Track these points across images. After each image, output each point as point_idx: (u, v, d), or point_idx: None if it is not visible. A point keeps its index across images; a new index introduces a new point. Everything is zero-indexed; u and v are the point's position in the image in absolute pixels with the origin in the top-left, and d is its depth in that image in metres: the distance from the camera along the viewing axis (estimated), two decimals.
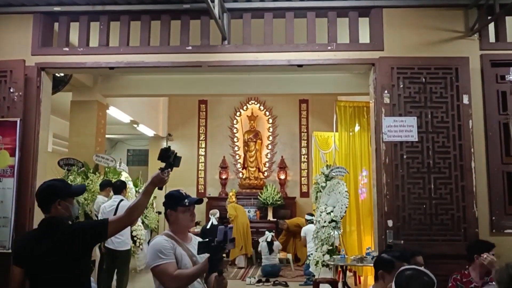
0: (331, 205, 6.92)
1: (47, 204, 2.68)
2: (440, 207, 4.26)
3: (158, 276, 2.60)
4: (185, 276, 2.56)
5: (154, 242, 2.66)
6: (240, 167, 12.46)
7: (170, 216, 2.77)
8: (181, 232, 2.77)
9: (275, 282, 8.27)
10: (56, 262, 2.57)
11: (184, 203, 2.73)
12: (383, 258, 2.76)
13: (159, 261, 2.57)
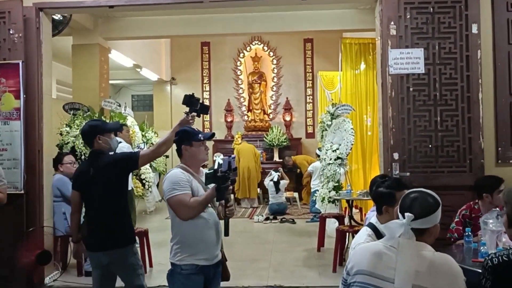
0: (337, 143, 6.95)
1: (90, 140, 3.30)
2: (446, 139, 4.26)
3: (175, 206, 2.69)
4: (198, 203, 2.66)
5: (171, 175, 2.76)
6: (245, 109, 12.42)
7: (185, 151, 2.83)
8: (195, 165, 2.86)
9: (282, 219, 8.46)
10: (99, 187, 3.15)
11: (199, 138, 2.82)
12: (382, 192, 2.70)
13: (176, 192, 2.67)
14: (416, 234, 1.99)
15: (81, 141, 6.72)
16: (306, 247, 6.23)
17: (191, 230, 2.72)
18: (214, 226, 2.79)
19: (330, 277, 4.83)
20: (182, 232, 2.74)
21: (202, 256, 2.73)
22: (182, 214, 2.68)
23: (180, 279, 2.71)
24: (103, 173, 3.13)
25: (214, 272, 2.83)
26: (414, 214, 1.97)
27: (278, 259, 5.63)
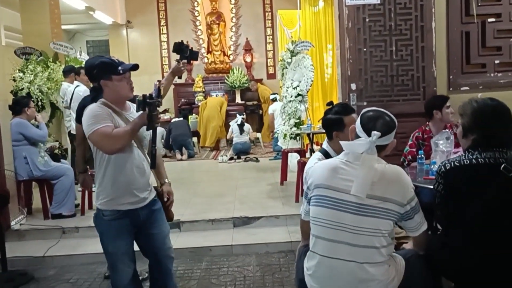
0: (297, 80, 7.01)
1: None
2: (401, 68, 4.39)
3: (97, 141, 2.45)
4: (124, 132, 2.44)
5: (88, 110, 2.51)
6: (205, 51, 12.24)
7: (104, 86, 2.58)
8: (118, 102, 2.60)
9: (246, 158, 8.61)
10: None
11: (118, 71, 2.53)
12: (331, 119, 2.77)
13: (96, 126, 2.42)
14: (377, 150, 2.12)
15: (37, 87, 6.59)
16: (269, 182, 6.42)
17: (113, 172, 2.54)
18: (139, 167, 2.60)
19: (293, 206, 5.04)
20: (104, 174, 2.56)
21: (125, 200, 2.57)
22: (107, 146, 2.44)
23: (103, 224, 2.60)
24: None
25: (147, 213, 2.65)
26: (380, 131, 2.09)
27: (243, 193, 5.80)
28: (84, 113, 2.51)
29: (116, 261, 2.63)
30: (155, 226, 2.70)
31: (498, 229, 2.10)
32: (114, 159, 2.52)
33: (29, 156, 4.89)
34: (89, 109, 2.51)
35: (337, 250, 2.09)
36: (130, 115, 2.62)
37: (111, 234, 2.60)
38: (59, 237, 4.61)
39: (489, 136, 2.17)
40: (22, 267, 4.08)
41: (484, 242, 2.11)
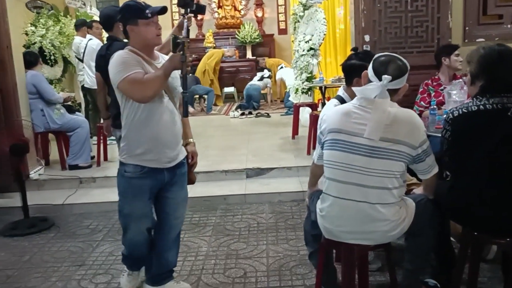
0: (309, 34, 6.95)
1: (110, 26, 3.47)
2: (416, 19, 4.34)
3: (126, 89, 2.27)
4: (154, 77, 2.26)
5: (115, 58, 2.34)
6: (215, 6, 12.06)
7: (131, 32, 2.38)
8: (146, 49, 2.41)
9: (257, 114, 8.64)
10: None
11: (146, 15, 2.32)
12: (355, 64, 2.75)
13: (125, 73, 2.24)
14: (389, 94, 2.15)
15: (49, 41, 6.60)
16: (281, 136, 6.48)
17: (141, 123, 2.36)
18: (170, 120, 2.41)
19: (304, 158, 5.11)
20: (131, 125, 2.38)
21: (152, 156, 2.39)
22: (138, 94, 2.26)
23: (123, 182, 2.45)
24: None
25: (172, 176, 2.48)
26: (391, 75, 2.12)
27: (255, 146, 5.88)
28: (110, 62, 2.33)
29: (130, 223, 2.53)
30: (172, 191, 2.53)
31: (505, 173, 2.14)
32: (143, 110, 2.33)
33: (46, 109, 4.97)
34: (116, 57, 2.32)
35: (349, 191, 2.16)
36: (159, 64, 2.40)
37: (129, 193, 2.45)
38: (76, 186, 4.74)
39: (496, 81, 2.18)
40: (42, 214, 4.23)
41: (490, 186, 2.16)
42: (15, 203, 4.26)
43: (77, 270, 3.17)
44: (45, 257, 3.38)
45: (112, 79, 2.32)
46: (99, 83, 3.59)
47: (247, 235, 3.62)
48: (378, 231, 2.17)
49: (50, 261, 3.31)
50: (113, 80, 2.30)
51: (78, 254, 3.42)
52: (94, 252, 3.45)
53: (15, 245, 3.64)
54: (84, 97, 6.80)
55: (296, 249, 3.32)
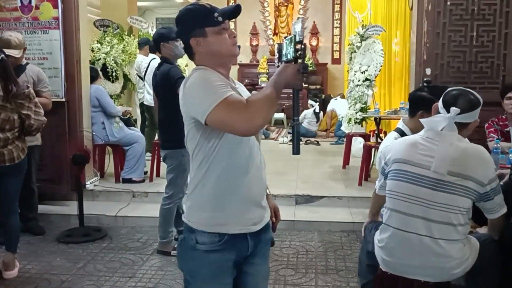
0: (366, 65, 6.93)
1: (157, 47, 3.66)
2: (480, 55, 4.25)
3: (223, 119, 1.49)
4: (262, 98, 1.52)
5: (192, 82, 1.60)
6: (271, 33, 12.28)
7: (197, 47, 1.68)
8: (222, 66, 1.69)
9: (307, 141, 8.63)
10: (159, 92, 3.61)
11: (215, 20, 1.64)
12: (424, 96, 2.73)
13: (220, 96, 1.49)
14: (458, 128, 2.11)
15: (112, 58, 6.89)
16: (331, 165, 6.43)
17: (223, 171, 1.63)
18: (259, 164, 1.72)
19: (355, 189, 5.04)
20: (208, 175, 1.64)
21: (235, 217, 1.66)
22: (241, 124, 1.47)
23: (194, 258, 1.67)
24: (160, 82, 3.53)
25: (256, 243, 1.72)
26: (460, 108, 2.08)
27: (305, 173, 5.85)
28: (185, 91, 1.60)
29: None
30: (254, 264, 1.76)
31: None
32: (225, 151, 1.62)
33: (106, 122, 5.16)
34: (194, 80, 1.59)
35: (411, 224, 2.11)
36: (239, 89, 1.74)
37: (206, 275, 1.67)
38: (129, 200, 4.86)
39: None
40: (95, 223, 4.35)
41: None
42: (71, 211, 4.41)
43: (128, 281, 3.22)
44: (98, 266, 3.47)
45: (196, 111, 1.55)
46: (155, 101, 3.82)
47: (296, 262, 3.58)
48: (439, 267, 2.10)
49: (103, 270, 3.39)
50: (199, 111, 1.52)
51: (129, 266, 3.48)
52: (144, 265, 3.50)
53: (70, 252, 3.75)
54: (142, 114, 7.03)
55: (345, 280, 3.25)
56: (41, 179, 4.40)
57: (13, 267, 3.31)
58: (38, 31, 4.64)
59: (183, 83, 1.65)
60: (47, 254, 3.72)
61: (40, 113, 3.22)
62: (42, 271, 3.40)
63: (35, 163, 4.02)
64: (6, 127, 3.06)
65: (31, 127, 3.18)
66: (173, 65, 3.57)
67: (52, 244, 3.93)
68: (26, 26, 4.64)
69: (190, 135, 1.67)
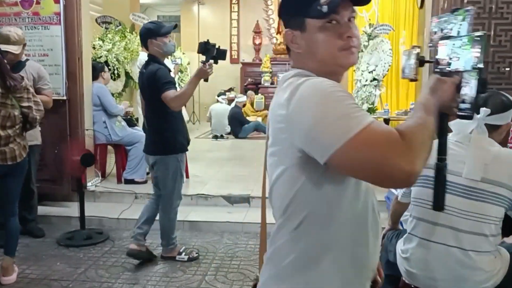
0: (373, 64, 6.79)
1: (144, 43, 3.34)
2: (498, 54, 4.09)
3: (366, 157, 0.96)
4: (422, 129, 1.04)
5: (308, 94, 1.04)
6: (274, 32, 12.12)
7: (292, 42, 1.20)
8: (330, 74, 1.15)
9: None
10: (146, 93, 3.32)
11: (320, 9, 1.10)
12: None
13: (356, 124, 0.97)
14: (488, 130, 1.97)
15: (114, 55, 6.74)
16: None
17: (345, 238, 1.14)
18: (377, 225, 1.23)
19: None
20: (319, 241, 1.13)
21: None
22: (398, 167, 0.95)
23: None
24: (147, 83, 3.24)
25: None
26: (491, 109, 1.94)
27: None
28: (293, 110, 1.05)
29: None
30: None
31: None
32: (343, 202, 1.12)
33: (108, 121, 5.01)
34: (308, 93, 1.04)
35: (439, 234, 1.97)
36: None
37: None
38: (131, 201, 4.71)
39: None
40: (97, 226, 4.20)
41: None
42: (72, 213, 4.27)
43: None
44: (99, 271, 3.32)
45: (314, 143, 1.01)
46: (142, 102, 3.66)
47: None
48: (469, 280, 1.95)
49: (105, 276, 3.24)
50: (321, 144, 0.99)
51: (132, 272, 3.34)
52: (148, 271, 3.35)
53: (70, 256, 3.60)
54: None
55: None
56: (41, 179, 4.27)
57: (12, 272, 3.16)
58: (39, 26, 4.49)
59: (286, 98, 1.06)
60: (47, 258, 3.57)
61: (39, 103, 3.13)
62: (42, 276, 3.25)
63: (35, 163, 3.88)
64: (7, 124, 2.92)
65: (35, 120, 3.07)
66: (162, 64, 3.28)
67: (52, 247, 3.79)
68: (26, 21, 4.48)
69: (283, 177, 1.12)
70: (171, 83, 3.18)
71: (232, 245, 3.87)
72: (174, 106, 3.15)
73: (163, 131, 3.26)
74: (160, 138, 3.28)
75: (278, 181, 1.14)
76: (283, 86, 1.13)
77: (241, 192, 4.75)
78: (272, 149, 1.16)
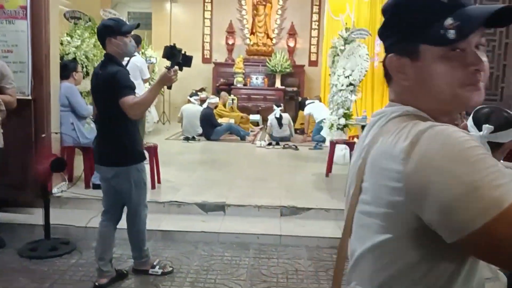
0: (350, 69, 6.73)
1: (102, 41, 2.99)
2: None
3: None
4: None
5: (443, 148, 0.79)
6: (248, 32, 11.98)
7: (397, 70, 0.96)
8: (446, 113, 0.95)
9: (285, 145, 8.37)
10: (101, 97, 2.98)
11: (445, 34, 0.86)
12: None
13: (507, 195, 0.73)
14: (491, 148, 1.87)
15: (83, 53, 6.45)
16: (313, 172, 6.17)
17: None
18: None
19: (342, 200, 4.77)
20: None
21: None
22: None
23: None
24: (103, 85, 2.91)
25: None
26: (494, 126, 1.84)
27: (287, 180, 5.58)
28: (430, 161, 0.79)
29: None
30: None
31: None
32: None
33: (76, 123, 4.74)
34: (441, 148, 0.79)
35: None
36: None
37: None
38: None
39: None
40: (63, 235, 3.95)
41: None
42: (36, 221, 3.99)
43: None
44: (67, 287, 3.08)
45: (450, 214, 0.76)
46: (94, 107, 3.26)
47: (286, 283, 3.29)
48: None
49: None
50: (458, 216, 0.75)
51: None
52: (119, 286, 3.14)
53: (34, 269, 3.34)
54: None
55: None
56: (3, 184, 3.98)
57: None
58: (3, 20, 4.19)
59: (402, 150, 0.83)
60: (8, 272, 3.30)
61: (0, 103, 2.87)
62: None
63: None
64: None
65: None
66: (122, 66, 2.96)
67: (13, 259, 3.51)
68: None
69: (385, 248, 0.90)
70: (131, 88, 2.88)
71: (208, 256, 3.69)
72: (133, 114, 2.84)
73: (121, 140, 2.94)
74: (118, 148, 2.96)
75: (376, 250, 0.92)
76: (387, 128, 0.91)
77: (216, 200, 4.57)
78: (370, 208, 0.92)
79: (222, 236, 4.04)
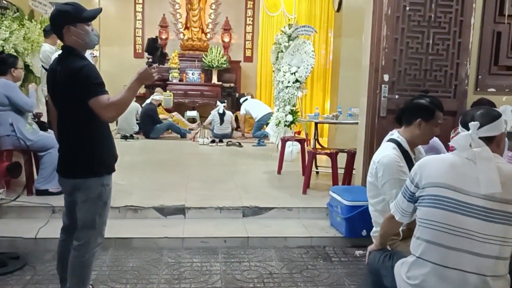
0: (295, 65, 6.73)
1: (58, 30, 2.46)
2: (435, 63, 4.19)
3: None
4: None
5: None
6: (182, 27, 11.67)
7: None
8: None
9: (228, 142, 8.25)
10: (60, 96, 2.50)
11: None
12: (423, 104, 2.65)
13: None
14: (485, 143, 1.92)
15: (11, 46, 5.92)
16: (264, 170, 6.12)
17: None
18: None
19: (301, 198, 4.77)
20: None
21: None
22: None
23: None
24: (64, 83, 2.42)
25: None
26: (479, 121, 1.92)
27: (241, 180, 5.48)
28: None
29: None
30: None
31: None
32: None
33: (16, 123, 4.31)
34: None
35: (454, 259, 1.85)
36: None
37: None
38: (48, 216, 4.09)
39: None
40: (10, 249, 3.56)
41: None
42: None
43: None
44: None
45: None
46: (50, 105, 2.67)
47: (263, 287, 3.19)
48: None
49: None
50: None
51: None
52: None
53: None
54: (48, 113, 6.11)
55: None
56: None
57: None
58: None
59: None
60: None
61: None
62: None
63: None
64: None
65: None
66: (86, 60, 2.48)
67: None
68: None
69: None
70: (103, 85, 2.42)
71: (176, 264, 3.49)
72: (107, 116, 2.38)
73: (86, 147, 2.50)
74: (81, 156, 2.50)
75: None
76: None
77: (174, 203, 4.36)
78: None
79: (187, 241, 3.85)
